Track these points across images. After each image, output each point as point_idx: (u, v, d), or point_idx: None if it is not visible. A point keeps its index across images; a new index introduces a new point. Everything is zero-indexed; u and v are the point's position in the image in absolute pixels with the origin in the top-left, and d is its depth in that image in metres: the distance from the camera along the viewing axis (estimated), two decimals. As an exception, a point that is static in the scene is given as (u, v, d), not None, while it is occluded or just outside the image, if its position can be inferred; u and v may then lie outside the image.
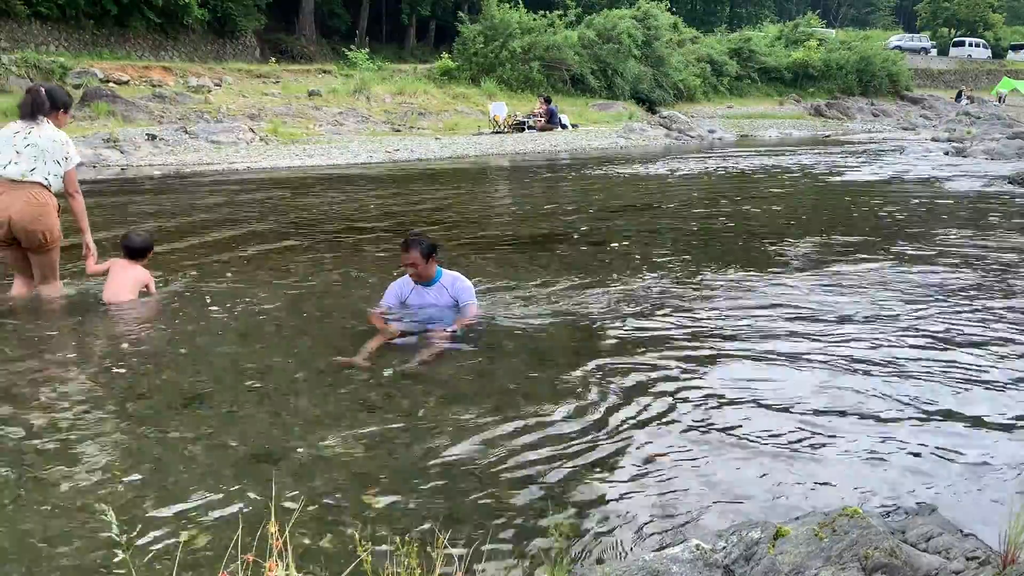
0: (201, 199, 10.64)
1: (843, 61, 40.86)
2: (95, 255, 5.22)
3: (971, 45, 56.57)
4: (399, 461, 2.96)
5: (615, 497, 2.71)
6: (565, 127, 23.72)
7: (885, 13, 77.03)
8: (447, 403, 3.51)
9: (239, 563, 1.81)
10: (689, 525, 2.53)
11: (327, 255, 6.89)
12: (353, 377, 3.81)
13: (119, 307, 4.97)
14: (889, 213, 9.46)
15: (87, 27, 25.26)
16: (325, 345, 4.35)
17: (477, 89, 27.48)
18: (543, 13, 30.75)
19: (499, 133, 22.10)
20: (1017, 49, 58.33)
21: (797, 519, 2.41)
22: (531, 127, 22.89)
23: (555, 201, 10.91)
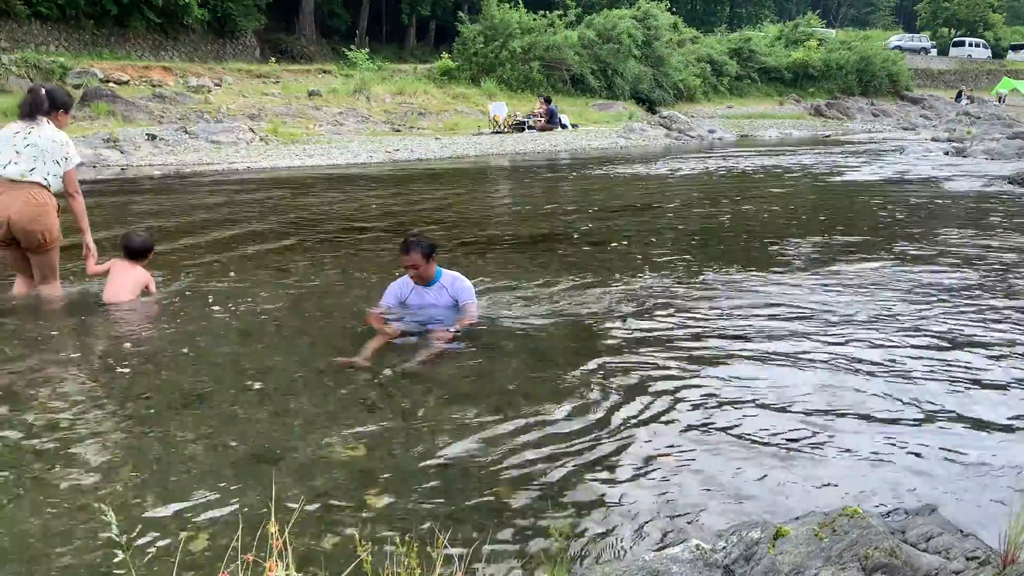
0: (201, 199, 10.64)
1: (843, 61, 40.86)
2: (95, 255, 5.22)
3: (971, 45, 56.56)
4: (399, 461, 2.96)
5: (615, 497, 2.71)
6: (565, 127, 23.73)
7: (885, 13, 77.03)
8: (447, 403, 3.51)
9: (239, 563, 1.81)
10: (689, 525, 2.53)
11: (327, 255, 6.89)
12: (353, 377, 3.81)
13: (119, 307, 4.97)
14: (889, 213, 9.46)
15: (87, 27, 25.27)
16: (325, 345, 4.35)
17: (477, 89, 27.49)
18: (543, 13, 30.76)
19: (499, 133, 22.10)
20: (1017, 49, 58.33)
21: (797, 519, 2.41)
22: (531, 127, 22.89)
23: (555, 201, 10.91)
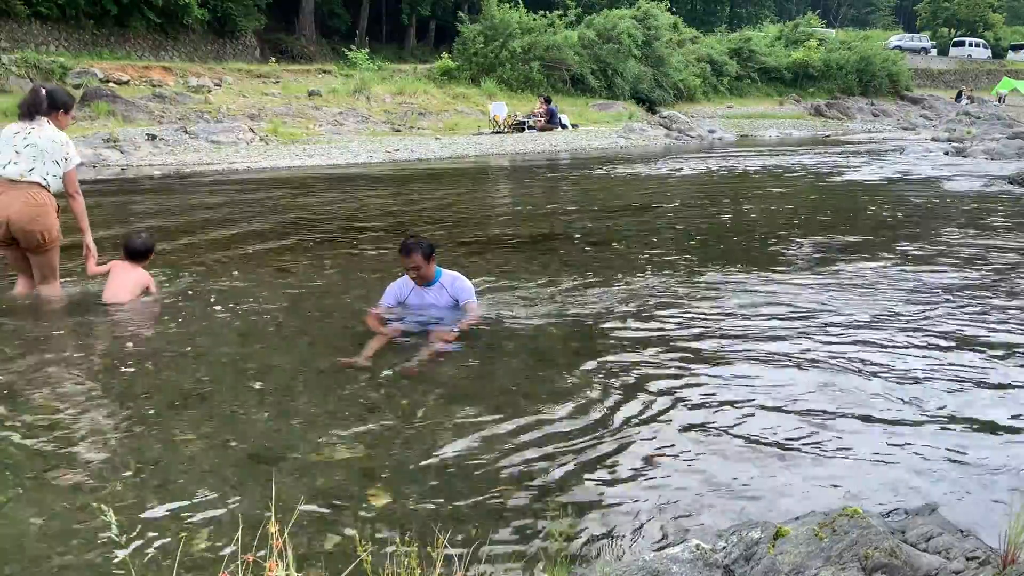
0: (201, 199, 10.64)
1: (843, 61, 40.84)
2: (95, 256, 5.22)
3: (971, 45, 56.54)
4: (399, 461, 2.96)
5: (615, 497, 2.71)
6: (565, 127, 23.72)
7: (885, 13, 77.01)
8: (447, 403, 3.52)
9: (239, 563, 1.81)
10: (689, 525, 2.53)
11: (327, 255, 6.89)
12: (353, 377, 3.81)
13: (119, 307, 4.97)
14: (890, 213, 9.46)
15: (87, 27, 25.27)
16: (325, 345, 4.36)
17: (477, 89, 27.48)
18: (543, 13, 30.75)
19: (499, 133, 22.10)
20: (1017, 49, 58.31)
21: (797, 519, 2.41)
22: (531, 127, 22.89)
23: (555, 201, 10.91)
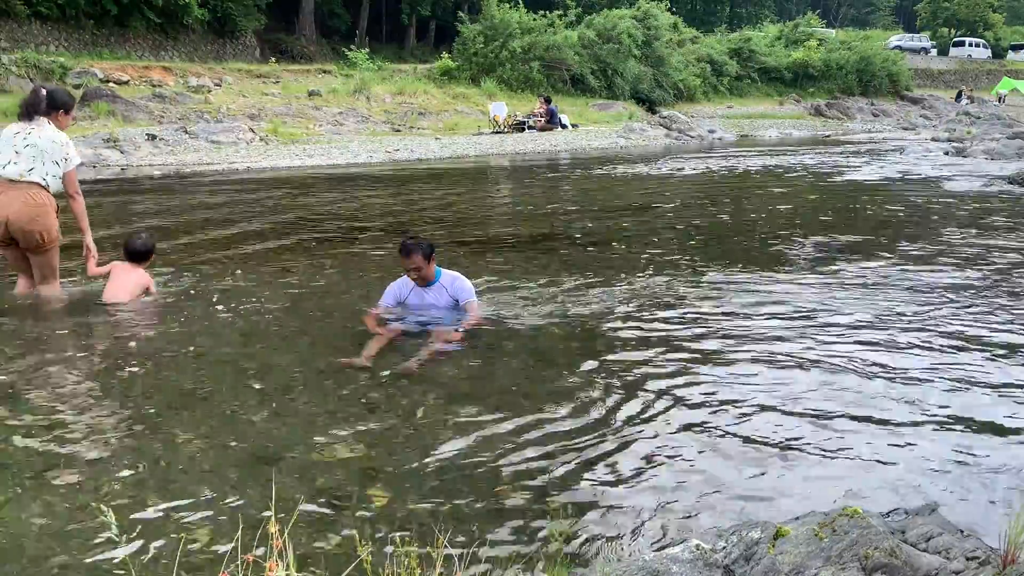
0: (201, 199, 10.64)
1: (843, 61, 40.84)
2: (96, 256, 5.22)
3: (971, 45, 56.54)
4: (399, 461, 2.96)
5: (615, 497, 2.71)
6: (565, 127, 23.73)
7: (885, 13, 77.01)
8: (447, 403, 3.52)
9: (239, 563, 1.81)
10: (689, 525, 2.53)
11: (327, 255, 6.89)
12: (353, 377, 3.81)
13: (119, 307, 4.97)
14: (890, 213, 9.46)
15: (87, 27, 25.27)
16: (325, 345, 4.36)
17: (477, 89, 27.48)
18: (543, 13, 30.75)
19: (499, 133, 22.10)
20: (1017, 49, 58.31)
21: (797, 519, 2.41)
22: (531, 127, 22.90)
23: (555, 201, 10.91)
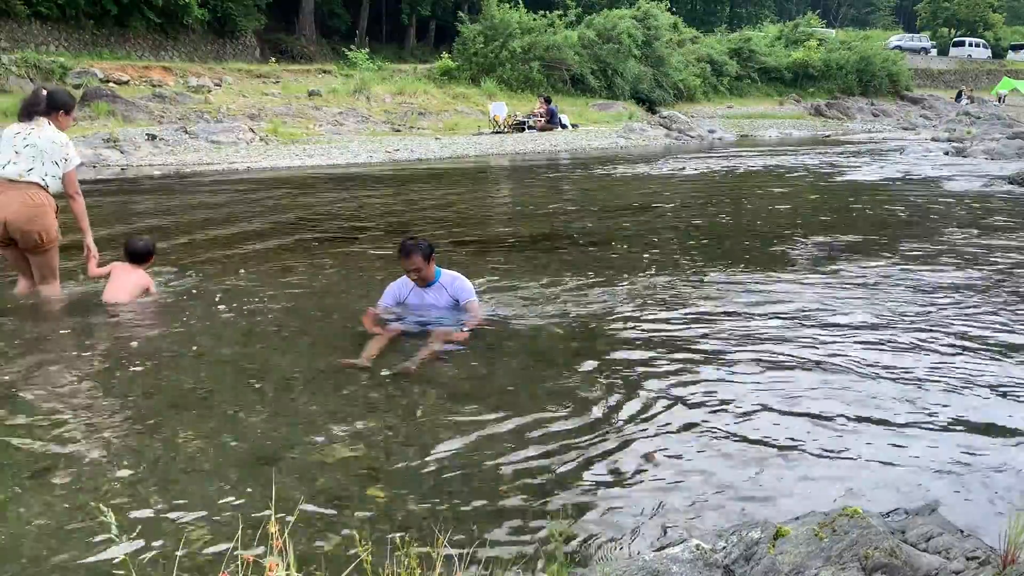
0: (201, 199, 10.64)
1: (843, 61, 40.83)
2: (96, 257, 5.22)
3: (971, 45, 56.53)
4: (399, 461, 2.96)
5: (615, 497, 2.71)
6: (565, 127, 23.73)
7: (885, 13, 76.99)
8: (447, 403, 3.52)
9: (239, 563, 1.81)
10: (689, 525, 2.53)
11: (327, 255, 6.89)
12: (353, 377, 3.81)
13: (118, 307, 4.97)
14: (891, 213, 9.46)
15: (87, 27, 25.27)
16: (325, 345, 4.36)
17: (477, 89, 27.48)
18: (543, 13, 30.75)
19: (499, 133, 22.10)
20: (1017, 49, 58.29)
21: (797, 519, 2.41)
22: (531, 127, 22.90)
23: (556, 201, 10.91)
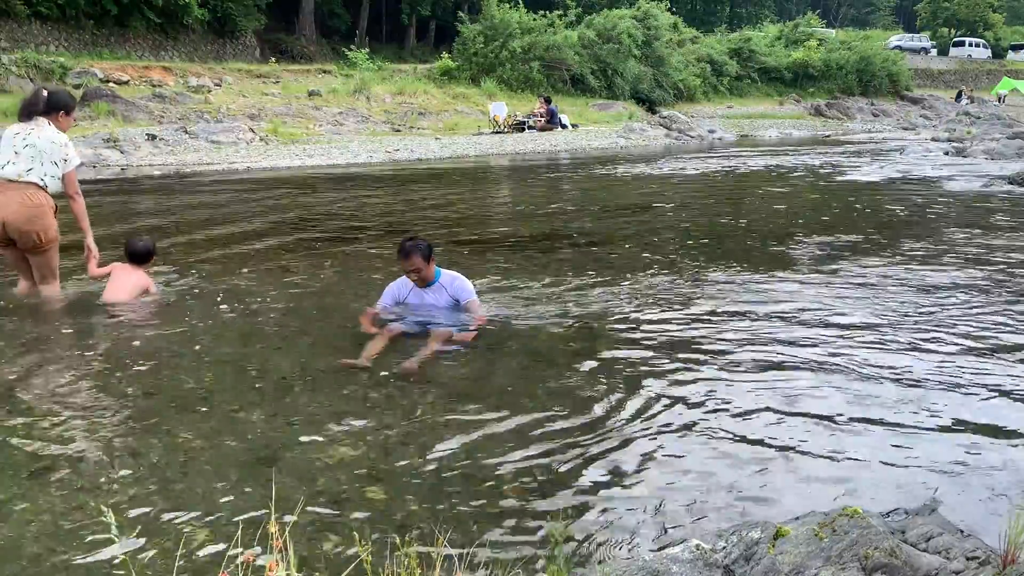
0: (201, 199, 10.64)
1: (843, 61, 40.83)
2: (97, 256, 5.22)
3: (971, 45, 56.53)
4: (399, 461, 2.96)
5: (615, 497, 2.71)
6: (565, 127, 23.73)
7: (885, 13, 76.99)
8: (447, 403, 3.52)
9: (239, 563, 1.81)
10: (689, 525, 2.53)
11: (328, 255, 6.89)
12: (353, 377, 3.81)
13: (118, 307, 4.97)
14: (891, 213, 9.46)
15: (87, 27, 25.28)
16: (325, 345, 4.35)
17: (477, 89, 27.49)
18: (543, 13, 30.76)
19: (499, 133, 22.11)
20: (1017, 49, 58.29)
21: (797, 519, 2.41)
22: (531, 127, 22.90)
23: (556, 201, 10.91)
